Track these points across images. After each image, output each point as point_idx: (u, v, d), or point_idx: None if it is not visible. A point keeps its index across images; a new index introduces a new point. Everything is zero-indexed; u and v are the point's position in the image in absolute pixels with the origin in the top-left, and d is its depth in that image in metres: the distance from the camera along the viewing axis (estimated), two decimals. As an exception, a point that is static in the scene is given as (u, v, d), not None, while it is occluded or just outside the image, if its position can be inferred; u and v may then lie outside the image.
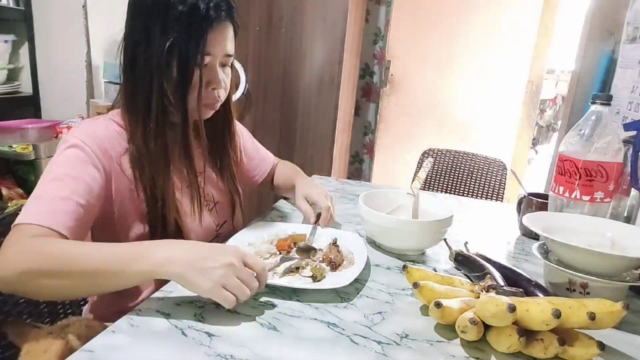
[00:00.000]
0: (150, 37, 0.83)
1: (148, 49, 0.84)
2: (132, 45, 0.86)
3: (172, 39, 0.82)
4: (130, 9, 0.87)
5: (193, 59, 0.84)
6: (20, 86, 2.46)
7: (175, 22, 0.82)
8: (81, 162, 0.82)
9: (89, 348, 0.62)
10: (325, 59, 2.52)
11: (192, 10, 0.82)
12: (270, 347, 0.65)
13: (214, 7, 0.84)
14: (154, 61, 0.84)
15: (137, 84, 0.87)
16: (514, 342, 0.64)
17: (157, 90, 0.86)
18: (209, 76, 0.89)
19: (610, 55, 1.74)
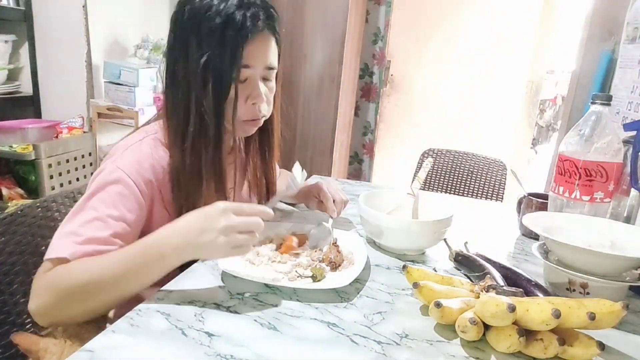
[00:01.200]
0: (188, 51, 0.82)
1: (186, 64, 0.82)
2: (172, 59, 0.85)
3: (208, 53, 0.80)
4: (171, 24, 0.85)
5: (229, 73, 0.81)
6: (21, 86, 2.46)
7: (211, 35, 0.80)
8: (125, 201, 0.80)
9: (89, 348, 0.62)
10: (325, 59, 2.52)
11: (228, 22, 0.80)
12: (270, 347, 0.65)
13: (250, 17, 0.81)
14: (191, 76, 0.82)
15: (177, 99, 0.85)
16: (513, 342, 0.64)
17: (194, 106, 0.83)
18: (249, 90, 0.87)
19: (610, 55, 1.74)
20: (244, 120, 0.89)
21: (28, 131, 2.27)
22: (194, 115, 0.84)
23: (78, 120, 2.42)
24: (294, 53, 2.55)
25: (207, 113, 0.84)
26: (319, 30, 2.49)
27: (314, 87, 2.56)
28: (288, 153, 2.62)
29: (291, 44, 2.54)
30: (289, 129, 2.90)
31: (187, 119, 0.84)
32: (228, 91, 0.83)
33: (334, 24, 2.46)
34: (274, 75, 0.91)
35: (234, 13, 0.80)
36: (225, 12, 0.80)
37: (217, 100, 0.83)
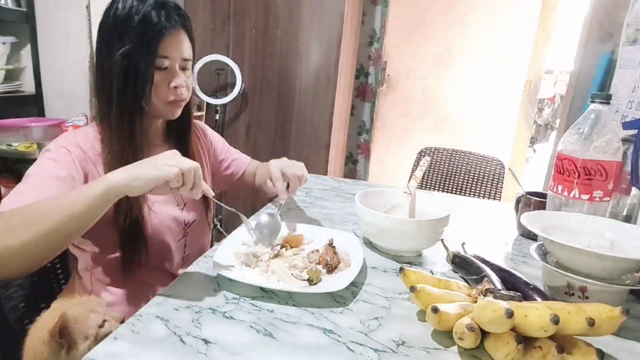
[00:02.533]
0: (111, 47, 0.93)
1: (110, 60, 0.93)
2: (99, 60, 0.96)
3: (128, 46, 0.91)
4: (98, 30, 0.96)
5: (147, 62, 0.93)
6: (22, 86, 2.46)
7: (131, 30, 0.91)
8: (65, 163, 0.89)
9: (91, 357, 0.62)
10: (321, 59, 2.51)
11: (145, 19, 0.92)
12: (266, 354, 0.64)
13: (165, 15, 0.94)
14: (114, 68, 0.92)
15: (103, 91, 0.96)
16: (511, 349, 0.63)
17: (117, 95, 0.94)
18: (170, 77, 0.98)
19: (610, 56, 1.73)
20: (168, 102, 0.99)
21: (32, 129, 2.26)
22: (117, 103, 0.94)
23: (82, 118, 2.42)
24: (290, 53, 2.54)
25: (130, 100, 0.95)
26: (315, 31, 2.48)
27: (310, 87, 2.55)
28: (283, 153, 2.60)
29: (287, 44, 2.53)
30: (284, 129, 2.91)
31: (111, 107, 0.95)
32: (147, 77, 0.94)
33: (330, 24, 2.45)
34: (190, 65, 1.02)
35: (150, 12, 0.92)
36: (143, 10, 0.92)
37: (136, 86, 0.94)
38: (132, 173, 0.75)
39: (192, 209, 1.10)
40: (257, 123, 2.66)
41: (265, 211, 1.10)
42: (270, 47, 2.55)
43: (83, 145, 0.94)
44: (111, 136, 0.95)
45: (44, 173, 0.87)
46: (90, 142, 0.96)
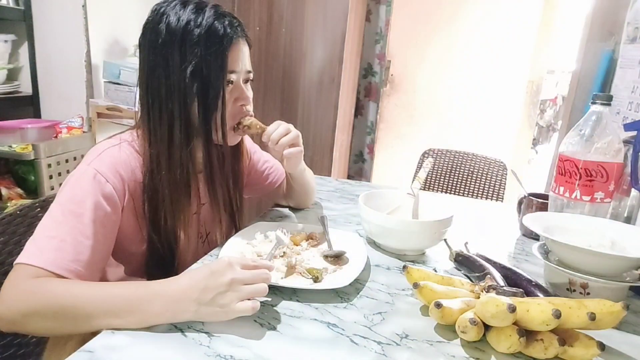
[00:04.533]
0: (171, 66, 0.84)
1: (170, 78, 0.84)
2: (154, 78, 0.86)
3: (194, 62, 0.83)
4: (145, 46, 0.87)
5: (218, 78, 0.85)
6: (20, 86, 2.46)
7: (196, 45, 0.83)
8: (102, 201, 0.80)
9: (88, 348, 0.62)
10: (325, 59, 2.51)
11: (210, 32, 0.84)
12: (270, 347, 0.65)
13: (229, 25, 0.86)
14: (176, 88, 0.84)
15: (162, 114, 0.86)
16: (514, 342, 0.64)
17: (180, 118, 0.86)
18: (237, 93, 0.91)
19: (611, 55, 1.74)
20: (233, 127, 0.92)
21: (27, 131, 2.27)
22: (180, 127, 0.86)
23: (77, 120, 2.42)
24: (293, 53, 2.55)
25: (193, 122, 0.87)
26: (319, 30, 2.49)
27: (313, 86, 2.56)
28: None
29: (291, 43, 2.54)
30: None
31: (172, 132, 0.86)
32: (218, 95, 0.86)
33: (335, 23, 2.46)
34: (251, 77, 0.95)
35: (214, 23, 0.84)
36: (206, 22, 0.84)
37: (206, 107, 0.86)
38: (198, 317, 0.67)
39: (212, 242, 1.06)
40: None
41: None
42: (274, 46, 2.55)
43: (125, 174, 0.84)
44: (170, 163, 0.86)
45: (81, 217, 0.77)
46: (132, 170, 0.86)
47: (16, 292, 0.69)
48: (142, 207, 0.87)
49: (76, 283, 0.72)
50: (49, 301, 0.67)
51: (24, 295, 0.68)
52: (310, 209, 1.29)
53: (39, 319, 0.68)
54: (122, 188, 0.83)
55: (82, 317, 0.67)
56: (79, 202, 0.78)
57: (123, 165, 0.85)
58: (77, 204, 0.78)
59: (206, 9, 0.86)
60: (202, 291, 0.66)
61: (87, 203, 0.78)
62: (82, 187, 0.79)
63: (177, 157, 0.87)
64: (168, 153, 0.87)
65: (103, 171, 0.81)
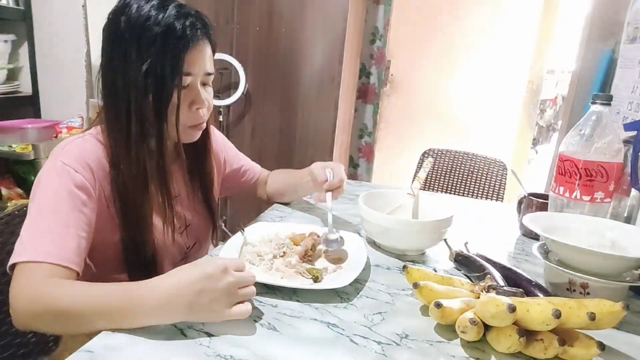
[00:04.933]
0: (128, 61, 0.82)
1: (126, 73, 0.83)
2: (111, 69, 0.85)
3: (149, 61, 0.81)
4: (105, 35, 0.86)
5: (171, 80, 0.83)
6: (20, 86, 2.46)
7: (152, 43, 0.81)
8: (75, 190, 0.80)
9: (89, 348, 0.62)
10: (325, 59, 2.51)
11: (168, 31, 0.82)
12: (270, 347, 0.65)
13: (189, 26, 0.83)
14: (131, 84, 0.83)
15: (118, 107, 0.85)
16: (514, 342, 0.64)
17: (136, 113, 0.85)
18: (192, 96, 0.89)
19: (611, 55, 1.74)
20: (189, 126, 0.91)
21: (27, 131, 2.27)
22: (135, 123, 0.85)
23: (77, 120, 2.41)
24: (293, 53, 2.55)
25: (149, 120, 0.86)
26: (318, 30, 2.49)
27: (313, 87, 2.56)
28: (288, 153, 2.62)
29: (291, 43, 2.54)
30: (289, 129, 2.91)
31: (129, 127, 0.85)
32: (170, 97, 0.84)
33: (334, 23, 2.46)
34: (211, 80, 0.93)
35: (173, 22, 0.82)
36: (164, 21, 0.82)
37: (159, 107, 0.84)
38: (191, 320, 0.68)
39: (192, 233, 1.04)
40: (262, 125, 2.67)
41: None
42: (273, 46, 2.55)
43: (92, 163, 0.85)
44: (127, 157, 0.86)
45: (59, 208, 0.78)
46: (98, 159, 0.86)
47: (24, 294, 0.70)
48: (111, 198, 0.88)
49: (73, 285, 0.72)
50: (51, 304, 0.68)
51: (30, 298, 0.69)
52: (310, 208, 1.29)
53: (46, 320, 0.69)
54: (91, 177, 0.84)
55: (80, 320, 0.67)
56: (52, 195, 0.79)
57: (88, 154, 0.85)
58: (51, 197, 0.79)
59: (169, 6, 0.84)
60: (196, 295, 0.65)
61: (61, 194, 0.79)
62: (52, 181, 0.80)
63: (134, 151, 0.86)
64: (125, 146, 0.86)
65: (70, 162, 0.82)
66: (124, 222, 0.89)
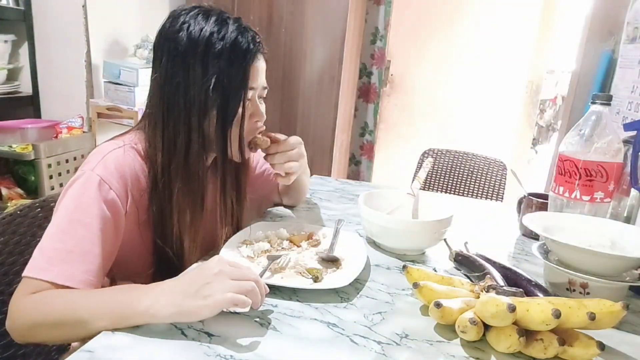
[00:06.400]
0: (191, 77, 0.83)
1: (188, 88, 0.83)
2: (171, 86, 0.84)
3: (215, 76, 0.82)
4: (162, 52, 0.85)
5: (238, 94, 0.84)
6: (20, 86, 2.46)
7: (217, 59, 0.82)
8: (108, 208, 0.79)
9: (89, 348, 0.62)
10: (325, 59, 2.51)
11: (234, 46, 0.83)
12: (270, 347, 0.65)
13: (252, 41, 0.86)
14: (195, 100, 0.83)
15: (177, 125, 0.85)
16: (513, 342, 0.64)
17: (197, 130, 0.85)
18: (252, 109, 0.90)
19: (611, 55, 1.74)
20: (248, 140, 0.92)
21: (27, 131, 2.27)
22: (197, 139, 0.85)
23: (78, 120, 2.41)
24: (293, 53, 2.55)
25: (210, 135, 0.87)
26: (318, 30, 2.49)
27: (313, 86, 2.56)
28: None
29: (291, 43, 2.54)
30: (289, 129, 2.90)
31: (189, 143, 0.85)
32: (236, 111, 0.85)
33: (334, 23, 2.46)
34: (265, 94, 0.94)
35: (237, 37, 0.84)
36: (229, 36, 0.83)
37: (225, 121, 0.86)
38: (182, 311, 0.65)
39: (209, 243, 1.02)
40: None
41: None
42: (274, 46, 2.55)
43: (129, 178, 0.83)
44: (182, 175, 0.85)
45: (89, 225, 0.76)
46: (136, 174, 0.85)
47: (22, 306, 0.70)
48: (145, 213, 0.87)
49: (68, 291, 0.71)
50: (47, 312, 0.68)
51: (27, 310, 0.70)
52: (310, 209, 1.30)
53: (44, 330, 0.69)
54: (125, 195, 0.82)
55: (78, 324, 0.67)
56: (84, 211, 0.77)
57: (127, 170, 0.83)
58: (82, 213, 0.77)
59: (229, 22, 0.85)
60: (188, 284, 0.67)
61: (93, 211, 0.77)
62: (87, 194, 0.78)
63: (193, 169, 0.86)
64: (184, 164, 0.86)
65: (107, 178, 0.80)
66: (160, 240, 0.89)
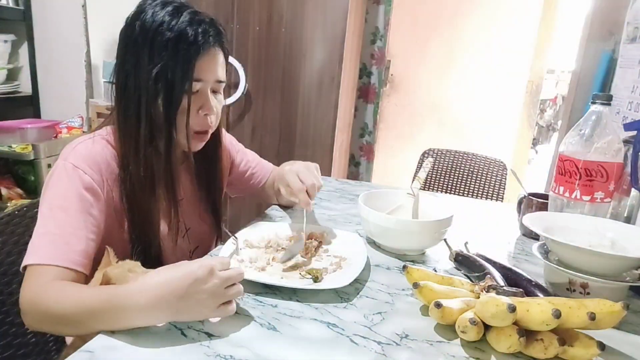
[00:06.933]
0: (139, 64, 0.84)
1: (137, 76, 0.85)
2: (123, 72, 0.87)
3: (160, 65, 0.83)
4: (121, 38, 0.87)
5: (181, 85, 0.84)
6: (20, 86, 2.46)
7: (163, 48, 0.83)
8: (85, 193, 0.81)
9: (88, 348, 0.62)
10: (325, 59, 2.51)
11: (180, 37, 0.83)
12: (270, 347, 0.65)
13: (202, 33, 0.85)
14: (142, 88, 0.85)
15: (128, 110, 0.87)
16: (514, 342, 0.64)
17: (145, 117, 0.86)
18: (201, 102, 0.89)
19: (611, 55, 1.74)
20: (195, 132, 0.92)
21: (27, 131, 2.27)
22: (145, 126, 0.86)
23: (77, 120, 2.41)
24: (293, 53, 2.55)
25: (157, 123, 0.88)
26: (318, 30, 2.49)
27: (313, 86, 2.56)
28: (288, 153, 2.62)
29: (291, 43, 2.54)
30: (289, 129, 2.91)
31: (138, 129, 0.87)
32: (180, 102, 0.86)
33: (334, 23, 2.46)
34: (222, 88, 0.94)
35: (186, 28, 0.84)
36: (177, 27, 0.83)
37: (168, 111, 0.86)
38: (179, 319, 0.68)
39: (194, 237, 1.04)
40: (263, 124, 2.67)
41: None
42: (273, 46, 2.55)
43: (102, 165, 0.85)
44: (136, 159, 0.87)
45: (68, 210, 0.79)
46: (107, 161, 0.87)
47: (29, 297, 0.71)
48: (120, 200, 0.88)
49: (67, 289, 0.71)
50: (49, 308, 0.69)
51: (33, 302, 0.71)
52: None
53: (48, 323, 0.71)
54: (100, 179, 0.84)
55: (75, 322, 0.68)
56: (63, 197, 0.80)
57: (98, 157, 0.86)
58: (61, 199, 0.80)
59: (184, 13, 0.85)
60: (182, 298, 0.65)
61: (70, 196, 0.80)
62: (62, 182, 0.81)
63: (141, 154, 0.87)
64: (134, 149, 0.87)
65: (79, 164, 0.82)
66: (132, 223, 0.90)
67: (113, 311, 0.66)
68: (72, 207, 0.79)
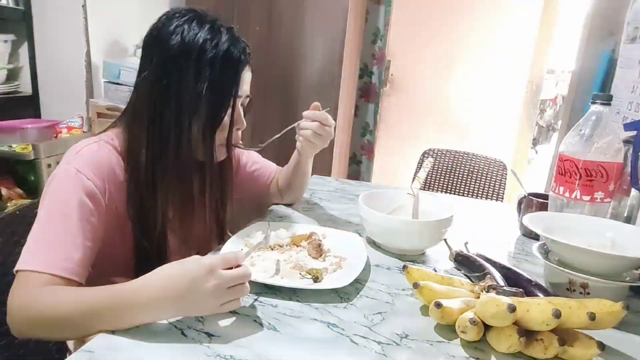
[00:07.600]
0: (183, 82, 0.85)
1: (180, 91, 0.85)
2: (160, 89, 0.86)
3: (207, 82, 0.85)
4: (153, 52, 0.87)
5: (227, 101, 0.88)
6: (20, 86, 2.46)
7: (210, 66, 0.85)
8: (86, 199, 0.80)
9: (88, 348, 0.62)
10: (325, 59, 2.51)
11: (227, 55, 0.86)
12: (270, 347, 0.65)
13: (242, 51, 0.89)
14: (184, 103, 0.85)
15: (164, 126, 0.86)
16: (514, 342, 0.64)
17: (186, 131, 0.87)
18: (235, 117, 0.92)
19: (611, 55, 1.74)
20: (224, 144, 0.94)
21: (27, 131, 2.26)
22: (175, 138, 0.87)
23: (77, 120, 2.41)
24: (293, 53, 2.55)
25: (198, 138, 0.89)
26: (318, 30, 2.49)
27: (313, 86, 2.56)
28: (288, 153, 2.62)
29: (291, 43, 2.54)
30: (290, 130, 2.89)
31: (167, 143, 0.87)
32: (222, 118, 0.89)
33: (334, 23, 2.46)
34: (247, 102, 0.99)
35: (230, 47, 0.87)
36: (222, 46, 0.86)
37: (212, 127, 0.89)
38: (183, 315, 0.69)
39: (195, 242, 1.05)
40: (263, 124, 2.66)
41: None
42: (273, 46, 2.55)
43: (106, 171, 0.85)
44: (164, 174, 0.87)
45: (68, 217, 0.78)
46: (112, 168, 0.86)
47: (18, 302, 0.70)
48: (124, 208, 0.87)
49: (64, 292, 0.71)
50: (44, 312, 0.68)
51: (24, 307, 0.70)
52: (310, 208, 1.30)
53: (42, 328, 0.70)
54: (102, 185, 0.84)
55: (74, 325, 0.68)
56: (63, 202, 0.79)
57: (103, 163, 0.85)
58: (62, 204, 0.79)
59: (222, 31, 0.87)
60: (183, 296, 0.66)
61: (71, 202, 0.79)
62: (64, 186, 0.80)
63: (177, 166, 0.88)
64: (166, 163, 0.87)
65: (83, 169, 0.81)
66: (140, 234, 0.89)
67: (118, 308, 0.66)
68: (71, 214, 0.78)
